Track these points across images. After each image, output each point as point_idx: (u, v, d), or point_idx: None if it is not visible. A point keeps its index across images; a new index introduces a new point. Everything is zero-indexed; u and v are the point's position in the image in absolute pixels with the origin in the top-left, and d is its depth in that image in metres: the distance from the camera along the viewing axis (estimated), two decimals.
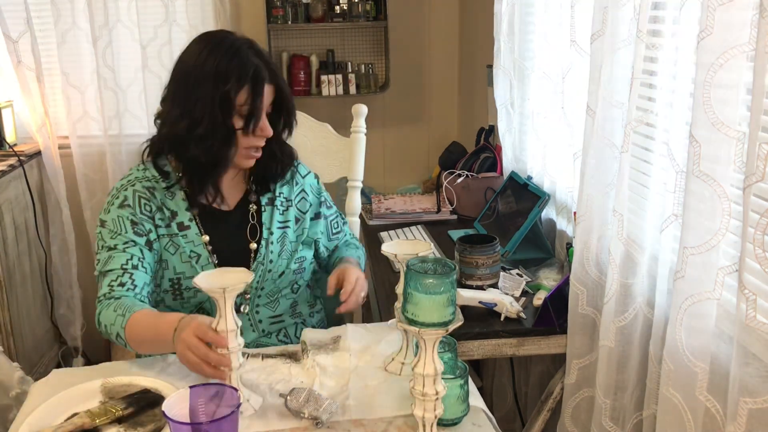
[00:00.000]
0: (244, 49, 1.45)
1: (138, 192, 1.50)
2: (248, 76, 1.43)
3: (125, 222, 1.47)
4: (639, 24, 1.32)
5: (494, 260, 1.80)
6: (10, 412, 1.69)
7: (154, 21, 2.90)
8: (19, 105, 2.90)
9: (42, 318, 2.94)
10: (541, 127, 2.07)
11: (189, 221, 1.52)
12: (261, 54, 1.48)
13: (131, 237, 1.46)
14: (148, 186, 1.52)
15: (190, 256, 1.51)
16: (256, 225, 1.58)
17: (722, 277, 1.14)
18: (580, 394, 1.63)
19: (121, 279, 1.42)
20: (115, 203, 1.49)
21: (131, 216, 1.48)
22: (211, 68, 1.42)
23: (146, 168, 1.55)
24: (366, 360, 1.36)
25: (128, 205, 1.49)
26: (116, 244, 1.45)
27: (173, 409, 1.00)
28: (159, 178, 1.52)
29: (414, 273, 1.03)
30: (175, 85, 1.47)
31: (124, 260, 1.44)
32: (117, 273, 1.43)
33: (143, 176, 1.53)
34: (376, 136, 3.27)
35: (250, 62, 1.44)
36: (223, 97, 1.41)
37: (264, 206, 1.60)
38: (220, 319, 1.16)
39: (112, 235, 1.46)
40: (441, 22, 3.28)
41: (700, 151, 1.12)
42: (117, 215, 1.48)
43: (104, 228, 1.48)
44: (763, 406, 1.03)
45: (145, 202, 1.50)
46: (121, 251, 1.44)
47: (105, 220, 1.49)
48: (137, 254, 1.45)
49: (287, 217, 1.62)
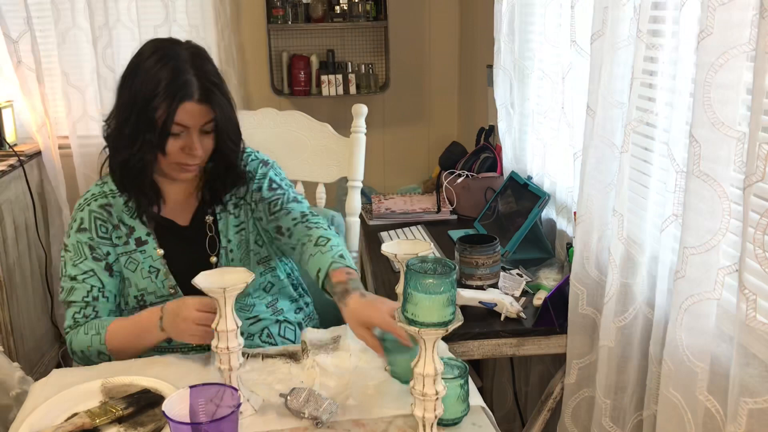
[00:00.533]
0: (182, 63, 1.39)
1: (94, 213, 1.50)
2: (172, 95, 1.37)
3: (84, 248, 1.48)
4: (639, 24, 1.32)
5: (494, 260, 1.80)
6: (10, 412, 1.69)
7: (154, 21, 2.90)
8: (19, 105, 2.90)
9: (42, 318, 2.94)
10: (541, 127, 2.07)
11: (146, 236, 1.51)
12: (202, 71, 1.40)
13: (90, 265, 1.47)
14: (104, 203, 1.51)
15: (149, 271, 1.50)
16: (215, 236, 1.56)
17: (722, 277, 1.14)
18: (580, 394, 1.63)
19: (84, 311, 1.46)
20: (74, 227, 1.50)
21: (89, 241, 1.48)
22: (144, 75, 1.39)
23: (104, 182, 1.53)
24: (366, 360, 1.36)
25: (85, 228, 1.49)
26: (76, 275, 1.47)
27: (173, 409, 1.00)
28: (116, 193, 1.51)
29: (414, 273, 1.03)
30: (118, 86, 1.46)
31: (84, 292, 1.46)
32: (80, 305, 1.46)
33: (100, 192, 1.52)
34: (376, 136, 3.27)
35: (180, 78, 1.38)
36: (145, 107, 1.38)
37: (219, 214, 1.56)
38: (220, 319, 1.16)
39: (73, 261, 1.48)
40: (441, 22, 3.28)
41: (700, 151, 1.12)
42: (76, 240, 1.48)
43: (67, 253, 1.50)
44: (763, 406, 1.03)
45: (101, 224, 1.50)
46: (81, 282, 1.47)
47: (67, 244, 1.50)
48: (97, 284, 1.47)
49: (241, 218, 1.58)
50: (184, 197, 1.55)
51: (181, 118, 1.38)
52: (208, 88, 1.40)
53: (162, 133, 1.38)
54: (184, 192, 1.55)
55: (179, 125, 1.39)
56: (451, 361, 1.20)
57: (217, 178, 1.53)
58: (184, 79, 1.38)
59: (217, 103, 1.41)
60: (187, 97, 1.38)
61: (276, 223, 1.55)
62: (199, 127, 1.41)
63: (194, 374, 1.32)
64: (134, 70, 1.42)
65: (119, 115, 1.44)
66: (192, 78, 1.39)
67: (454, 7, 3.26)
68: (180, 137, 1.41)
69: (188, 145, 1.41)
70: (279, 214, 1.55)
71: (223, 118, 1.43)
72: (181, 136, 1.41)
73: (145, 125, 1.38)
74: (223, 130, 1.44)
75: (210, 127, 1.43)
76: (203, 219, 1.56)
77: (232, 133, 1.47)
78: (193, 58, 1.42)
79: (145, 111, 1.37)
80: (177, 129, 1.39)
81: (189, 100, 1.38)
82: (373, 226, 2.45)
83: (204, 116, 1.41)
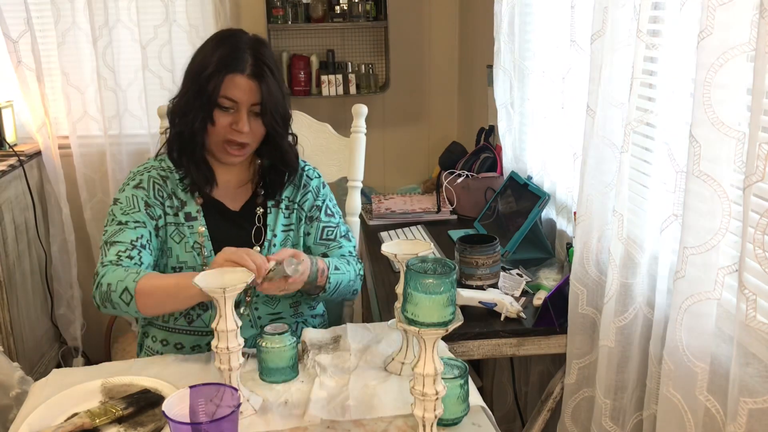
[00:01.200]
0: (242, 44, 1.47)
1: (153, 177, 1.56)
2: (224, 65, 1.44)
3: (139, 201, 1.51)
4: (639, 24, 1.32)
5: (494, 260, 1.80)
6: (10, 412, 1.69)
7: (154, 21, 2.90)
8: (19, 105, 2.90)
9: (42, 318, 2.94)
10: (541, 127, 2.07)
11: (196, 213, 1.56)
12: (259, 52, 1.47)
13: (143, 218, 1.50)
14: (163, 175, 1.57)
15: (193, 246, 1.54)
16: (261, 228, 1.59)
17: (722, 277, 1.14)
18: (580, 394, 1.63)
19: (130, 252, 1.45)
20: (131, 184, 1.54)
21: (145, 197, 1.52)
22: (205, 54, 1.48)
23: (162, 159, 1.60)
24: (366, 360, 1.36)
25: (143, 187, 1.54)
26: (128, 221, 1.48)
27: (173, 409, 1.00)
28: (173, 169, 1.57)
29: (414, 273, 1.03)
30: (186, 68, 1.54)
31: (134, 236, 1.47)
32: (126, 246, 1.45)
33: (158, 166, 1.59)
34: (376, 136, 3.27)
35: (237, 55, 1.45)
36: (198, 76, 1.45)
37: (270, 208, 1.61)
38: (220, 319, 1.16)
39: (124, 211, 1.50)
40: (441, 22, 3.28)
41: (700, 151, 1.12)
42: (132, 194, 1.52)
43: (116, 205, 1.52)
44: (763, 406, 1.03)
45: (158, 188, 1.54)
46: (132, 228, 1.48)
47: (119, 198, 1.53)
48: (146, 235, 1.49)
49: (291, 220, 1.63)
50: (237, 184, 1.61)
51: (230, 90, 1.44)
52: (260, 66, 1.46)
53: (210, 101, 1.45)
54: (237, 179, 1.61)
55: (228, 99, 1.45)
56: (451, 361, 1.21)
57: (269, 171, 1.59)
58: (238, 54, 1.45)
59: (267, 84, 1.46)
60: (238, 69, 1.44)
61: (324, 250, 1.64)
62: (248, 105, 1.47)
63: (194, 374, 1.32)
64: (199, 50, 1.51)
65: (180, 91, 1.52)
66: (247, 55, 1.45)
67: (454, 7, 3.26)
68: (229, 113, 1.47)
69: (236, 121, 1.46)
70: (331, 245, 1.65)
71: (271, 99, 1.47)
72: (230, 112, 1.47)
73: (197, 94, 1.45)
74: (269, 112, 1.48)
75: (259, 109, 1.48)
76: (253, 209, 1.60)
77: (279, 117, 1.51)
78: (255, 42, 1.49)
79: (198, 80, 1.45)
80: (227, 103, 1.46)
81: (239, 72, 1.44)
82: (373, 226, 2.45)
83: (253, 93, 1.46)
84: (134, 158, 2.97)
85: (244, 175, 1.62)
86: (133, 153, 2.97)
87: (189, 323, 1.56)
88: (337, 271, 1.54)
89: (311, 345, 1.41)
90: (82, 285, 3.10)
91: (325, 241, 1.65)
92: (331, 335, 1.46)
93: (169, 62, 2.94)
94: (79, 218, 3.05)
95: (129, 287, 1.36)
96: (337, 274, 1.54)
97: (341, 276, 1.55)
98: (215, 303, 1.15)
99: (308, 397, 1.24)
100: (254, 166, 1.63)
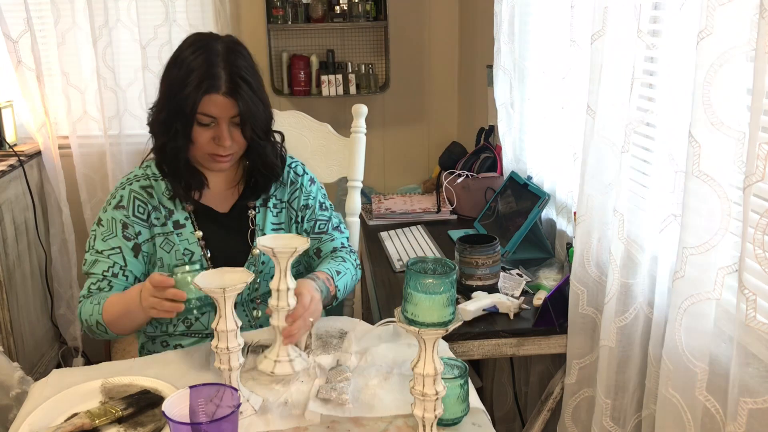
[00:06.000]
0: (214, 57, 1.44)
1: (134, 192, 1.55)
2: (200, 86, 1.42)
3: (117, 225, 1.52)
4: (639, 24, 1.32)
5: (494, 260, 1.80)
6: (10, 412, 1.69)
7: (154, 21, 2.90)
8: (19, 105, 2.90)
9: (42, 318, 2.94)
10: (541, 127, 2.07)
11: (185, 220, 1.56)
12: (234, 66, 1.45)
13: (118, 243, 1.51)
14: (146, 185, 1.56)
15: (183, 253, 1.54)
16: (254, 229, 1.60)
17: (722, 277, 1.14)
18: (581, 394, 1.63)
19: (100, 284, 1.50)
20: (112, 203, 1.55)
21: (123, 218, 1.52)
22: (179, 65, 1.46)
23: (148, 165, 1.59)
24: (366, 360, 1.36)
25: (123, 206, 1.53)
26: (103, 249, 1.51)
27: (173, 409, 1.00)
28: (159, 177, 1.56)
29: (414, 273, 1.03)
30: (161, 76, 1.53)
31: (106, 267, 1.50)
32: (98, 278, 1.50)
33: (143, 174, 1.57)
34: (376, 136, 3.27)
35: (211, 72, 1.43)
36: (175, 95, 1.45)
37: (258, 208, 1.62)
38: (220, 319, 1.16)
39: (103, 236, 1.52)
40: (441, 22, 3.28)
41: (700, 151, 1.12)
42: (111, 216, 1.53)
43: (99, 227, 1.54)
44: (763, 406, 1.03)
45: (139, 203, 1.54)
46: (106, 257, 1.50)
47: (101, 219, 1.54)
48: (120, 262, 1.51)
49: (281, 219, 1.63)
50: (225, 188, 1.61)
51: (207, 108, 1.44)
52: (236, 82, 1.45)
53: (188, 121, 1.45)
54: (225, 182, 1.61)
55: (206, 116, 1.45)
56: (451, 361, 1.21)
57: (254, 173, 1.59)
58: (213, 71, 1.44)
59: (243, 98, 1.45)
60: (214, 89, 1.43)
61: (316, 244, 1.66)
62: (228, 118, 1.46)
63: (194, 374, 1.32)
64: (173, 60, 1.49)
65: (158, 103, 1.52)
66: (221, 71, 1.44)
67: (454, 7, 3.26)
68: (210, 128, 1.47)
69: (218, 135, 1.47)
70: (323, 237, 1.66)
71: (248, 112, 1.47)
72: (211, 127, 1.47)
73: (175, 113, 1.45)
74: (248, 124, 1.48)
75: (239, 120, 1.47)
76: (243, 210, 1.61)
77: (258, 128, 1.51)
78: (228, 52, 1.47)
79: (176, 99, 1.45)
80: (205, 120, 1.46)
81: (215, 92, 1.43)
82: (373, 226, 2.45)
83: (231, 109, 1.45)
84: (134, 158, 2.97)
85: (232, 177, 1.62)
86: (133, 153, 2.97)
87: (188, 327, 1.56)
88: (339, 275, 1.56)
89: (317, 338, 1.41)
90: (82, 285, 3.09)
91: (318, 234, 1.66)
92: (338, 328, 1.46)
93: None
94: (79, 218, 3.05)
95: (99, 320, 1.43)
96: (341, 278, 1.56)
97: (345, 278, 1.57)
98: (215, 302, 1.16)
99: (308, 397, 1.24)
100: (242, 168, 1.62)
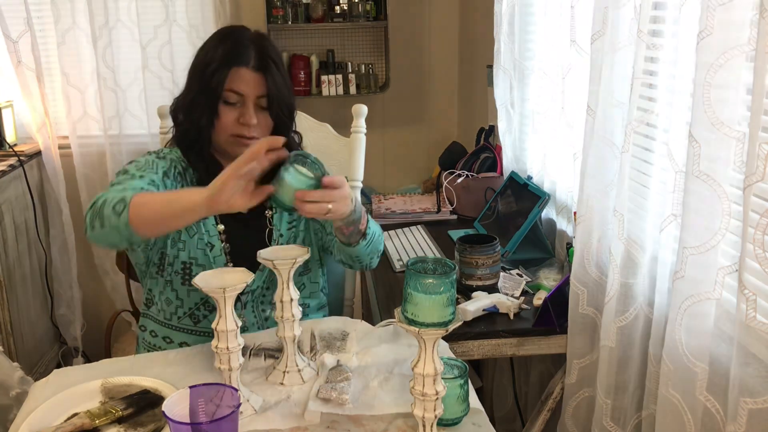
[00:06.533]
0: (244, 39, 1.46)
1: (174, 161, 1.52)
2: (229, 59, 1.43)
3: (158, 167, 1.47)
4: (639, 24, 1.32)
5: (494, 260, 1.80)
6: (10, 412, 1.69)
7: (154, 21, 2.90)
8: (19, 105, 2.90)
9: (42, 318, 2.94)
10: (541, 127, 2.07)
11: None
12: (262, 46, 1.46)
13: (158, 180, 1.42)
14: (184, 166, 1.54)
15: (206, 243, 1.52)
16: (272, 228, 1.59)
17: (722, 277, 1.14)
18: (581, 394, 1.63)
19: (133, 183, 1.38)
20: (153, 154, 1.51)
21: (164, 167, 1.48)
22: (207, 50, 1.46)
23: (174, 151, 1.56)
24: (366, 360, 1.36)
25: (164, 158, 1.51)
26: (141, 175, 1.41)
27: (173, 409, 1.00)
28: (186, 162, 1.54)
29: (414, 273, 1.03)
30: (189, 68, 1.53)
31: (143, 185, 1.39)
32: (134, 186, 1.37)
33: (178, 157, 1.54)
34: (376, 136, 3.27)
35: (241, 49, 1.44)
36: (202, 72, 1.44)
37: (275, 208, 1.60)
38: (220, 319, 1.16)
39: (139, 168, 1.44)
40: (441, 22, 3.28)
41: (700, 151, 1.12)
42: (152, 159, 1.48)
43: (131, 164, 1.46)
44: (763, 406, 1.03)
45: (178, 172, 1.51)
46: (144, 180, 1.40)
47: (137, 159, 1.49)
48: (157, 181, 1.43)
49: (294, 216, 1.61)
50: None
51: (235, 83, 1.43)
52: (265, 59, 1.44)
53: (215, 96, 1.43)
54: None
55: (234, 92, 1.43)
56: (451, 361, 1.20)
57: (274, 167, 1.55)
58: (242, 48, 1.43)
59: (272, 76, 1.44)
60: (242, 62, 1.43)
61: None
62: (254, 98, 1.45)
63: (194, 374, 1.32)
64: (201, 48, 1.49)
65: (183, 90, 1.50)
66: (250, 49, 1.44)
67: (454, 8, 3.26)
68: (235, 107, 1.45)
69: (243, 114, 1.44)
70: None
71: (277, 92, 1.45)
72: (236, 106, 1.45)
73: (201, 91, 1.44)
74: (277, 104, 1.46)
75: (265, 102, 1.46)
76: (260, 209, 1.55)
77: (286, 110, 1.49)
78: (258, 36, 1.48)
79: (202, 76, 1.43)
80: (232, 97, 1.44)
81: (243, 65, 1.42)
82: None
83: (258, 85, 1.44)
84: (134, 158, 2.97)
85: None
86: (133, 153, 2.97)
87: (195, 323, 1.55)
88: (371, 221, 1.48)
89: (320, 338, 1.41)
90: (82, 285, 3.10)
91: None
92: (341, 330, 1.46)
93: (169, 62, 2.94)
94: (79, 218, 3.05)
95: (125, 197, 1.26)
96: (372, 225, 1.48)
97: (375, 228, 1.50)
98: (216, 302, 1.16)
99: (308, 397, 1.24)
100: None
